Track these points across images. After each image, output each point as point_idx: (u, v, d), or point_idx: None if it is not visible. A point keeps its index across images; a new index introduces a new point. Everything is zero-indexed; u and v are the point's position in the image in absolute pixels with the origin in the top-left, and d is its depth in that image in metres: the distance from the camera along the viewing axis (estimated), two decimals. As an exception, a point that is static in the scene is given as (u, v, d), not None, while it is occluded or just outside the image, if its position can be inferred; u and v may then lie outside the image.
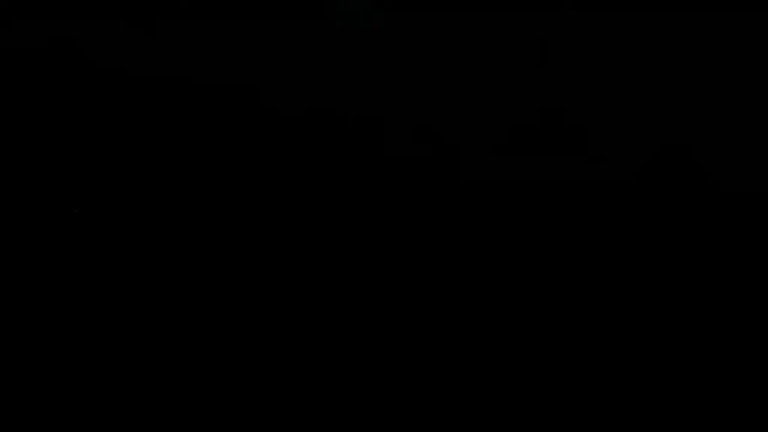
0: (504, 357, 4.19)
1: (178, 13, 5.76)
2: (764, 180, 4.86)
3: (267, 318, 4.36)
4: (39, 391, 4.06)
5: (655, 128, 5.10)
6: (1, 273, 4.56)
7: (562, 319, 4.34)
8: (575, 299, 4.42)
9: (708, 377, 4.10)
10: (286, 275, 4.57)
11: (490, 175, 5.04)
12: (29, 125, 5.42)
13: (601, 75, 5.49)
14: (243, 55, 5.63)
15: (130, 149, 5.23)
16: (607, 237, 4.70)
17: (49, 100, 5.54)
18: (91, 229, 4.79)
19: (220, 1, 5.77)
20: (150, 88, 5.51)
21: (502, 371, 4.13)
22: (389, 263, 4.61)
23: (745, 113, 5.19)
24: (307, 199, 4.93)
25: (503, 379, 4.09)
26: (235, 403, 4.04)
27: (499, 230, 4.76)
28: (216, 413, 4.00)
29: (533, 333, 4.28)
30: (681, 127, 5.09)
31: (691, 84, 5.38)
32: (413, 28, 5.59)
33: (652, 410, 3.97)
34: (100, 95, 5.53)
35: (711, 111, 5.18)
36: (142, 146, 5.26)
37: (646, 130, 5.10)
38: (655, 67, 5.52)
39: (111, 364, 4.17)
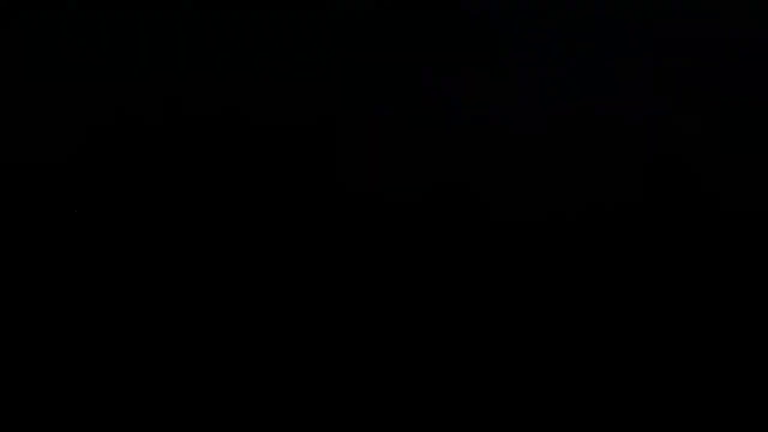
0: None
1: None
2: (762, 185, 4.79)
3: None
4: (39, 391, 4.07)
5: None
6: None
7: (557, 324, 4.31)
8: (574, 304, 4.38)
9: (707, 379, 4.07)
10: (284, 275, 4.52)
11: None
12: None
13: None
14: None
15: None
16: (604, 238, 4.65)
17: None
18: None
19: None
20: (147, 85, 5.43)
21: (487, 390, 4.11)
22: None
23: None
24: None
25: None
26: (234, 403, 4.03)
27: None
28: (215, 413, 3.99)
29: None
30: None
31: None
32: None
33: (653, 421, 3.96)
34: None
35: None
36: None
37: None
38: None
39: (111, 364, 4.19)
